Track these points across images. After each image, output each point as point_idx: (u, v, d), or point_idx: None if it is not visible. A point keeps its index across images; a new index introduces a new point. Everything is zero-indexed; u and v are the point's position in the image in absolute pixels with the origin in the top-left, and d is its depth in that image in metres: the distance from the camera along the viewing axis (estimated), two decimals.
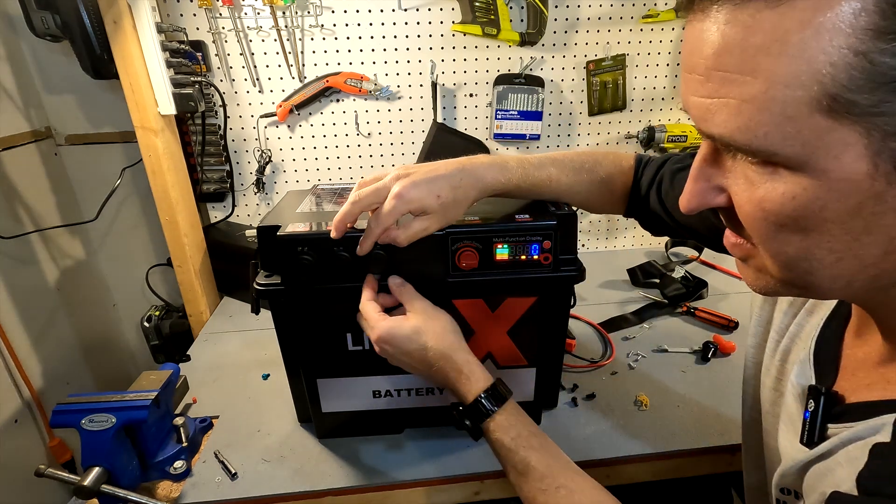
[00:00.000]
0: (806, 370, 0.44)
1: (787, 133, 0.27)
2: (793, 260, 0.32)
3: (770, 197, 0.30)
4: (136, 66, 0.92)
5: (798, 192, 0.29)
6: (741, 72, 0.28)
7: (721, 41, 0.28)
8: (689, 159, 0.65)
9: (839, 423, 0.39)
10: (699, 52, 0.30)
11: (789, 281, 0.34)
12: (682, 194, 0.36)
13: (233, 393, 0.86)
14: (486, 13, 1.09)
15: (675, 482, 0.75)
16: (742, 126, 0.29)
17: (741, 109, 0.28)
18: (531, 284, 0.64)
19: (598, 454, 0.71)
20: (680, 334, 0.99)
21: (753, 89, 0.28)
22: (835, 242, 0.30)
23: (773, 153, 0.29)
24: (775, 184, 0.30)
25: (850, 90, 0.25)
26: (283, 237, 0.59)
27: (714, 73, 0.29)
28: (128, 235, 1.27)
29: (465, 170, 0.58)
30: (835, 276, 0.32)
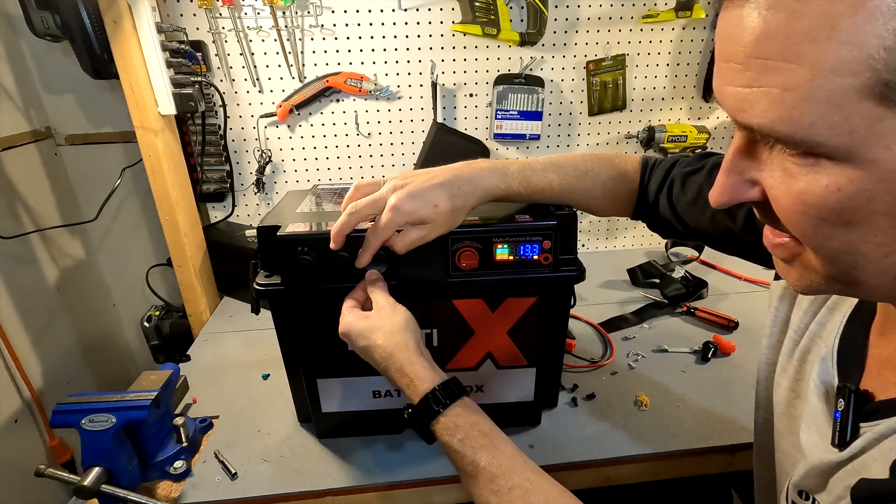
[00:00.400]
0: (829, 368, 0.43)
1: (834, 122, 0.26)
2: (837, 254, 0.31)
3: (812, 189, 0.29)
4: (136, 66, 0.92)
5: (843, 184, 0.28)
6: (785, 59, 0.26)
7: (763, 27, 0.27)
8: (697, 162, 0.64)
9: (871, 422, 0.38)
10: (737, 40, 0.28)
11: (834, 276, 0.32)
12: (712, 189, 0.35)
13: (233, 393, 0.86)
14: (486, 13, 1.09)
15: (675, 482, 0.75)
16: (784, 116, 0.27)
17: (784, 98, 0.27)
18: (531, 284, 0.64)
19: (598, 454, 0.71)
20: (680, 334, 0.99)
21: (798, 77, 0.26)
22: (882, 236, 0.29)
23: (818, 143, 0.27)
24: (817, 175, 0.28)
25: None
26: (283, 237, 0.59)
27: (754, 60, 0.28)
28: (128, 235, 1.28)
29: (463, 177, 0.58)
30: (881, 272, 0.30)
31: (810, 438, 0.44)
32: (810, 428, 0.44)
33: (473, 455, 0.49)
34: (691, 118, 1.28)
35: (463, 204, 0.58)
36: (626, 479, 0.74)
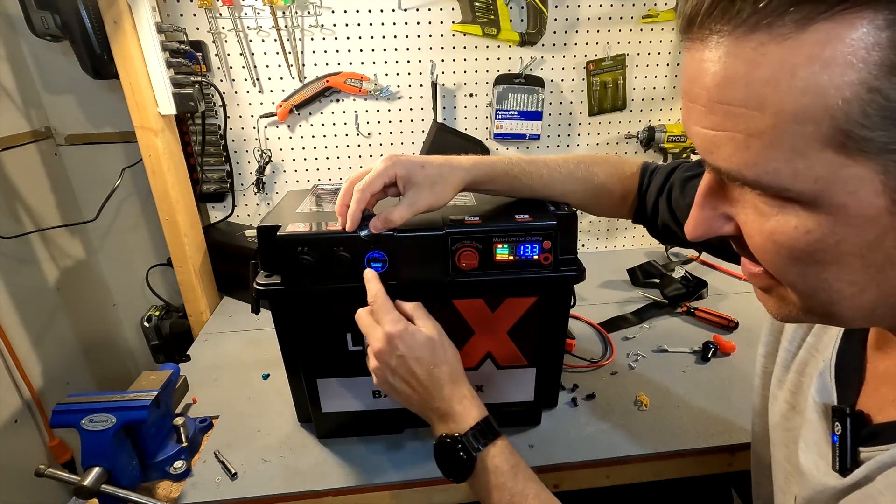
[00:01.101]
0: (827, 385, 0.42)
1: (798, 169, 0.26)
2: (812, 291, 0.31)
3: (782, 230, 0.29)
4: (136, 66, 0.92)
5: (811, 227, 0.28)
6: (747, 106, 0.26)
7: (724, 73, 0.27)
8: (698, 167, 0.64)
9: (871, 447, 0.37)
10: (701, 83, 0.28)
11: (811, 309, 0.32)
12: (687, 221, 0.35)
13: (233, 393, 0.86)
14: (486, 13, 1.09)
15: (675, 482, 0.75)
16: (750, 161, 0.27)
17: (748, 144, 0.27)
18: (531, 284, 0.64)
19: (598, 454, 0.71)
20: (680, 334, 0.99)
21: (761, 124, 0.26)
22: (855, 275, 0.29)
23: (784, 188, 0.27)
24: (787, 217, 0.28)
25: (865, 127, 0.24)
26: (283, 237, 0.59)
27: (718, 105, 0.28)
28: (128, 235, 1.28)
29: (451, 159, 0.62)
30: (856, 307, 0.30)
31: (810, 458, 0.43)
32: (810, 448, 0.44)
33: (525, 485, 0.50)
34: None
35: (450, 173, 0.60)
36: (626, 479, 0.74)
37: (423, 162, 0.59)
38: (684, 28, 0.29)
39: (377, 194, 0.59)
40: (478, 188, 0.65)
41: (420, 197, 0.58)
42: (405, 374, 0.54)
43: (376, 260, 0.60)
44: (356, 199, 0.58)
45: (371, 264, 0.60)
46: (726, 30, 0.26)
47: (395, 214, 0.57)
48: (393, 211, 0.58)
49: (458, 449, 0.51)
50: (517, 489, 0.49)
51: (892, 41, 0.23)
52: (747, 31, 0.25)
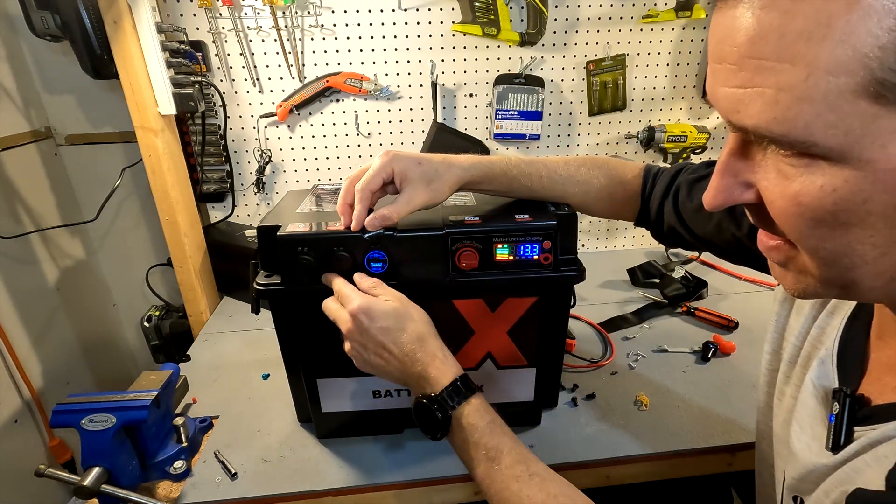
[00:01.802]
0: (828, 372, 0.43)
1: (829, 122, 0.26)
2: (833, 256, 0.30)
3: (807, 191, 0.28)
4: (136, 66, 0.92)
5: (838, 185, 0.27)
6: (779, 59, 0.26)
7: (757, 27, 0.27)
8: (704, 169, 0.64)
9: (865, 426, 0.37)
10: (731, 40, 0.28)
11: (830, 279, 0.32)
12: (706, 191, 0.34)
13: (233, 393, 0.86)
14: (486, 13, 1.09)
15: (675, 482, 0.75)
16: (779, 116, 0.27)
17: (778, 99, 0.27)
18: (531, 284, 0.64)
19: (598, 454, 0.71)
20: (680, 334, 0.99)
21: (793, 77, 0.26)
22: (878, 237, 0.28)
23: (813, 144, 0.27)
24: (812, 176, 0.28)
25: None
26: (283, 237, 0.59)
27: (748, 61, 0.28)
28: (128, 235, 1.28)
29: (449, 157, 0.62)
30: (877, 273, 0.30)
31: (802, 440, 0.44)
32: (804, 430, 0.44)
33: (500, 439, 0.51)
34: (691, 118, 1.28)
35: (447, 170, 0.60)
36: (626, 479, 0.74)
37: (420, 158, 0.59)
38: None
39: (377, 192, 0.60)
40: (475, 188, 0.65)
41: (416, 194, 0.58)
42: (375, 347, 0.55)
43: (376, 260, 0.60)
44: (359, 199, 0.58)
45: (371, 264, 0.60)
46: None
47: (391, 211, 0.58)
48: (390, 209, 0.58)
49: (434, 409, 0.53)
50: (492, 444, 0.51)
51: None
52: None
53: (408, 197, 0.58)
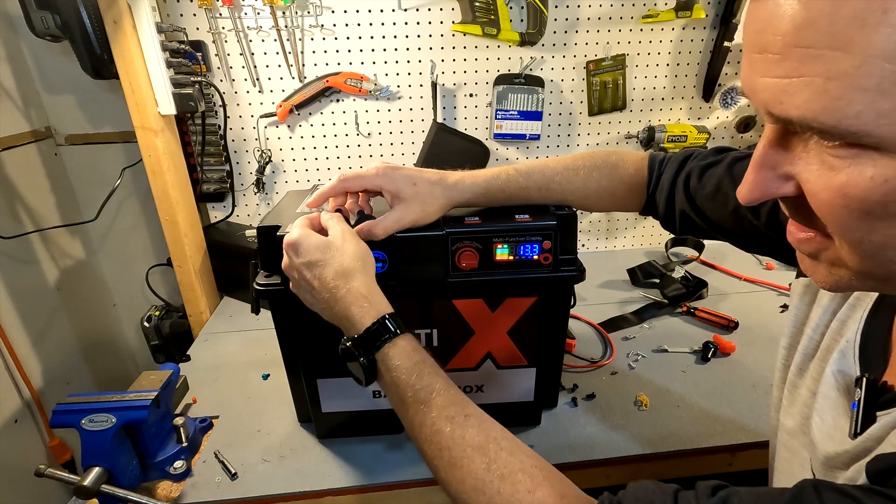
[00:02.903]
0: (850, 363, 0.42)
1: (883, 111, 0.25)
2: (877, 248, 0.30)
3: (855, 181, 0.27)
4: (136, 66, 0.92)
5: (890, 175, 0.26)
6: (829, 46, 0.25)
7: (805, 14, 0.26)
8: (714, 155, 0.63)
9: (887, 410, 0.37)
10: (774, 29, 0.27)
11: (869, 272, 0.31)
12: (741, 185, 0.33)
13: (233, 393, 0.86)
14: (486, 13, 1.09)
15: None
16: (829, 106, 0.26)
17: (828, 88, 0.26)
18: (531, 284, 0.64)
19: (598, 454, 0.71)
20: (680, 334, 0.99)
21: (844, 65, 0.25)
22: None
23: (865, 134, 0.26)
24: (861, 167, 0.27)
25: None
26: (283, 237, 0.59)
27: (794, 49, 0.26)
28: (128, 235, 1.28)
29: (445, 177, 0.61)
30: None
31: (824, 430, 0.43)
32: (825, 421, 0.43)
33: (430, 379, 0.48)
34: (691, 118, 1.28)
35: (442, 193, 0.60)
36: (626, 479, 0.73)
37: (415, 178, 0.59)
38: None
39: (354, 195, 0.61)
40: (471, 206, 0.65)
41: (408, 213, 0.58)
42: (304, 284, 0.53)
43: (376, 260, 0.60)
44: (331, 185, 0.58)
45: None
46: None
47: (379, 229, 0.58)
48: (378, 224, 0.58)
49: (356, 354, 0.50)
50: (420, 385, 0.48)
51: None
52: None
53: (398, 216, 0.58)
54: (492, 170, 0.63)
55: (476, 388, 0.72)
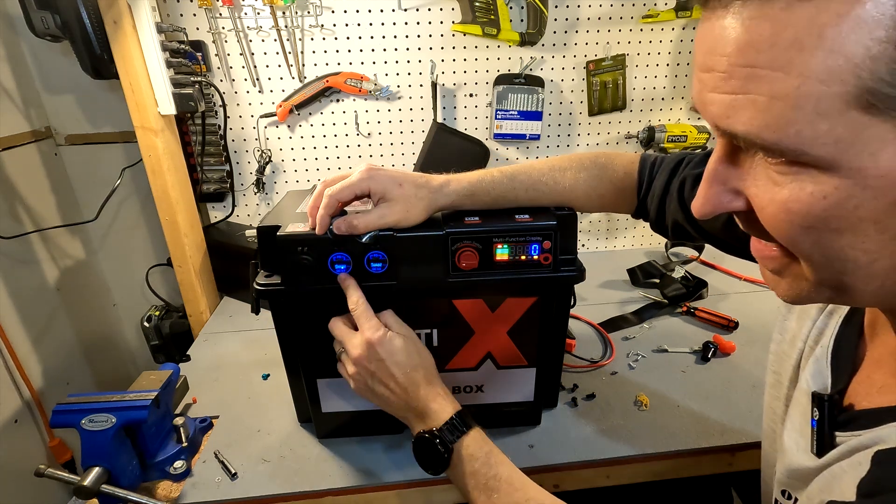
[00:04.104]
0: (822, 369, 0.43)
1: (820, 131, 0.26)
2: (826, 260, 0.31)
3: (797, 197, 0.29)
4: (136, 66, 0.92)
5: (829, 192, 0.27)
6: (771, 67, 0.26)
7: (747, 37, 0.27)
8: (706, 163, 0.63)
9: (847, 431, 0.38)
10: (720, 49, 0.28)
11: (824, 282, 0.32)
12: (695, 199, 0.35)
13: (233, 393, 0.86)
14: (486, 13, 1.09)
15: (675, 482, 0.75)
16: (771, 124, 0.27)
17: (770, 106, 0.27)
18: (531, 285, 0.64)
19: (598, 454, 0.71)
20: (680, 334, 0.99)
21: (785, 85, 0.26)
22: (870, 242, 0.28)
23: (803, 152, 0.27)
24: (803, 184, 0.28)
25: (890, 84, 0.24)
26: (282, 237, 0.59)
27: (739, 69, 0.28)
28: (128, 235, 1.28)
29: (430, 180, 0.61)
30: (869, 277, 0.30)
31: (793, 437, 0.44)
32: (794, 428, 0.45)
33: (497, 468, 0.53)
34: (691, 118, 1.28)
35: (428, 195, 0.60)
36: (626, 479, 0.74)
37: (401, 179, 0.59)
38: None
39: (346, 203, 0.60)
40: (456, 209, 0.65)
41: (392, 213, 0.58)
42: (384, 378, 0.57)
43: (376, 260, 0.60)
44: (325, 205, 0.58)
45: (371, 264, 0.60)
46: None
47: (360, 222, 0.58)
48: (360, 217, 0.58)
49: (436, 443, 0.55)
50: (490, 473, 0.53)
51: None
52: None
53: (381, 213, 0.58)
54: (477, 172, 0.64)
55: (476, 388, 0.72)
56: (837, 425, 0.39)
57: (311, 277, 0.60)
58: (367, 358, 0.57)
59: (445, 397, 0.58)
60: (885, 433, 0.34)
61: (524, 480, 0.53)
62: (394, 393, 0.58)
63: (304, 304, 0.64)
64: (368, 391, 0.59)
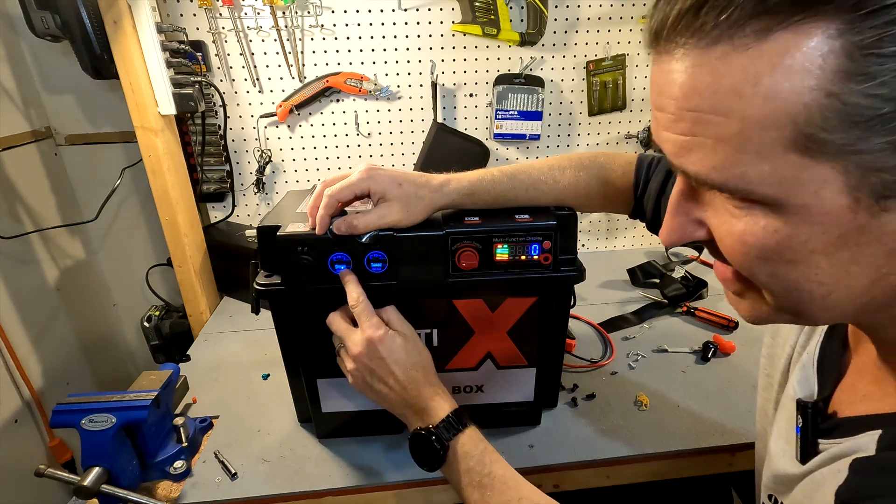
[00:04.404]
0: (808, 376, 0.44)
1: (764, 172, 0.27)
2: (784, 290, 0.32)
3: (751, 230, 0.30)
4: (136, 66, 0.92)
5: (779, 227, 0.29)
6: (714, 112, 0.27)
7: (691, 83, 0.28)
8: None
9: (829, 439, 0.39)
10: (669, 93, 0.30)
11: (783, 308, 0.33)
12: (661, 228, 0.36)
13: (233, 393, 0.86)
14: (486, 13, 1.09)
15: (675, 482, 0.75)
16: (718, 165, 0.28)
17: (716, 149, 0.28)
18: (531, 285, 0.64)
19: (598, 454, 0.71)
20: (680, 334, 0.99)
21: (728, 129, 0.27)
22: (822, 274, 0.29)
23: (750, 191, 0.28)
24: (755, 217, 0.29)
25: (824, 130, 0.25)
26: (282, 237, 0.59)
27: (686, 112, 0.29)
28: (128, 235, 1.28)
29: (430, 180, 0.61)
30: (826, 305, 0.31)
31: (779, 444, 0.45)
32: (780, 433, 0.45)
33: (491, 466, 0.54)
34: None
35: (428, 195, 0.60)
36: (626, 479, 0.74)
37: (401, 179, 0.59)
38: (651, 41, 0.31)
39: (346, 203, 0.60)
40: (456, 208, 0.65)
41: (392, 212, 0.58)
42: (384, 375, 0.58)
43: (376, 260, 0.60)
44: (324, 205, 0.58)
45: (371, 264, 0.60)
46: (691, 42, 0.27)
47: (360, 222, 0.58)
48: (360, 217, 0.58)
49: (432, 440, 0.55)
50: (485, 472, 0.53)
51: (845, 49, 0.24)
52: (711, 42, 0.27)
53: (381, 213, 0.58)
54: (477, 172, 0.64)
55: (476, 388, 0.72)
56: (821, 433, 0.40)
57: (311, 277, 0.60)
58: (366, 356, 0.57)
59: (443, 395, 0.58)
60: (863, 442, 0.35)
61: (518, 479, 0.53)
62: (392, 390, 0.58)
63: (304, 304, 0.64)
64: (367, 387, 0.60)
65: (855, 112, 0.24)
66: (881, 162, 0.25)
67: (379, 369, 0.57)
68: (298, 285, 0.61)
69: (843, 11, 0.23)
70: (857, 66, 0.24)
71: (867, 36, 0.23)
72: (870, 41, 0.23)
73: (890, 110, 0.24)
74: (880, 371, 0.38)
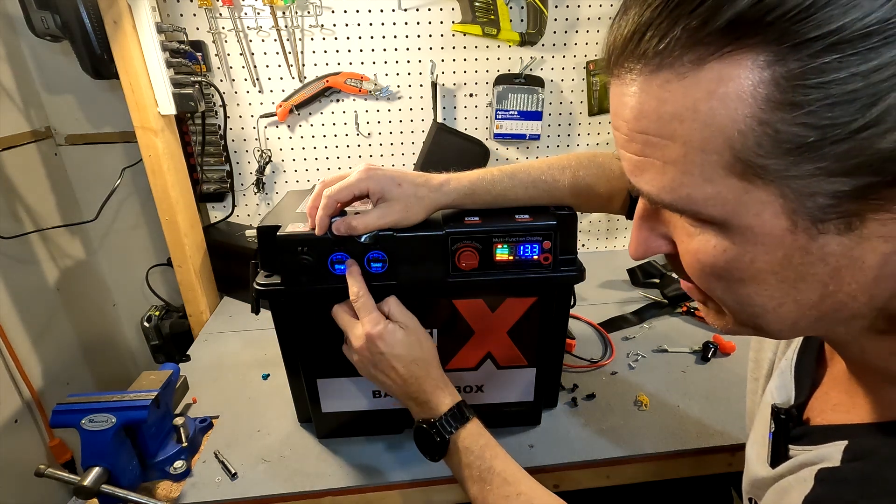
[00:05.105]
0: (786, 382, 0.45)
1: (708, 194, 0.28)
2: (739, 305, 0.33)
3: (703, 249, 0.31)
4: (136, 66, 0.92)
5: (727, 246, 0.30)
6: (660, 136, 0.28)
7: (639, 107, 0.29)
8: None
9: (799, 445, 0.39)
10: (622, 115, 0.30)
11: (742, 322, 0.34)
12: (629, 241, 0.37)
13: (233, 393, 0.86)
14: (486, 13, 1.09)
15: (675, 482, 0.75)
16: (667, 186, 0.29)
17: (664, 170, 0.29)
18: (531, 285, 0.64)
19: (598, 454, 0.71)
20: (680, 334, 0.99)
21: (673, 153, 0.28)
22: (772, 290, 0.30)
23: (697, 212, 0.29)
24: (707, 236, 0.30)
25: (760, 155, 0.26)
26: (282, 237, 0.59)
27: (637, 135, 0.30)
28: (128, 235, 1.28)
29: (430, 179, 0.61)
30: (780, 320, 0.32)
31: (754, 448, 0.46)
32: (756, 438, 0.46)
33: (491, 461, 0.54)
34: None
35: (427, 195, 0.60)
36: (626, 479, 0.74)
37: (400, 179, 0.59)
38: (605, 65, 0.31)
39: (346, 203, 0.60)
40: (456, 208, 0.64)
41: (391, 212, 0.58)
42: (385, 369, 0.58)
43: (376, 260, 0.60)
44: (323, 206, 0.58)
45: (371, 264, 0.60)
46: (637, 67, 0.28)
47: (360, 223, 0.58)
48: (359, 218, 0.58)
49: (433, 433, 0.56)
50: (485, 466, 0.54)
51: (774, 79, 0.24)
52: (654, 69, 0.28)
53: (381, 213, 0.58)
54: (477, 171, 0.64)
55: (476, 388, 0.72)
56: (791, 439, 0.41)
57: (311, 277, 0.60)
58: (367, 349, 0.58)
59: (445, 389, 0.59)
60: (829, 451, 0.35)
61: (518, 475, 0.54)
62: (394, 382, 0.59)
63: (303, 304, 0.64)
64: (371, 377, 0.61)
65: (785, 140, 0.25)
66: (814, 187, 0.26)
67: (381, 363, 0.58)
68: (298, 285, 0.61)
69: (770, 44, 0.24)
70: (785, 96, 0.24)
71: (792, 67, 0.24)
72: (796, 72, 0.24)
73: (816, 138, 0.24)
74: (850, 382, 0.39)
